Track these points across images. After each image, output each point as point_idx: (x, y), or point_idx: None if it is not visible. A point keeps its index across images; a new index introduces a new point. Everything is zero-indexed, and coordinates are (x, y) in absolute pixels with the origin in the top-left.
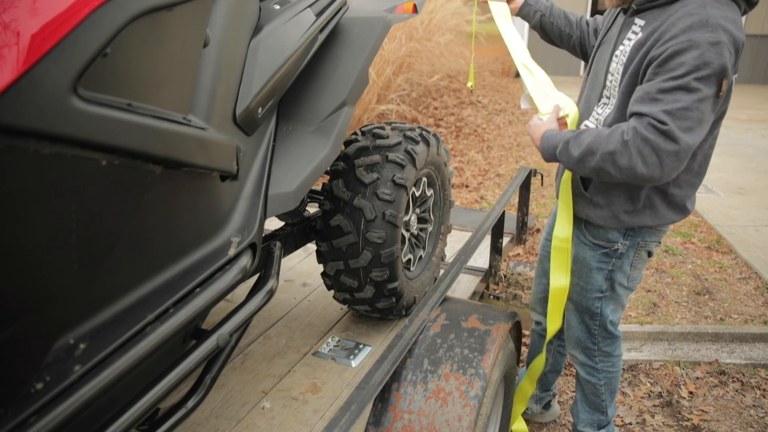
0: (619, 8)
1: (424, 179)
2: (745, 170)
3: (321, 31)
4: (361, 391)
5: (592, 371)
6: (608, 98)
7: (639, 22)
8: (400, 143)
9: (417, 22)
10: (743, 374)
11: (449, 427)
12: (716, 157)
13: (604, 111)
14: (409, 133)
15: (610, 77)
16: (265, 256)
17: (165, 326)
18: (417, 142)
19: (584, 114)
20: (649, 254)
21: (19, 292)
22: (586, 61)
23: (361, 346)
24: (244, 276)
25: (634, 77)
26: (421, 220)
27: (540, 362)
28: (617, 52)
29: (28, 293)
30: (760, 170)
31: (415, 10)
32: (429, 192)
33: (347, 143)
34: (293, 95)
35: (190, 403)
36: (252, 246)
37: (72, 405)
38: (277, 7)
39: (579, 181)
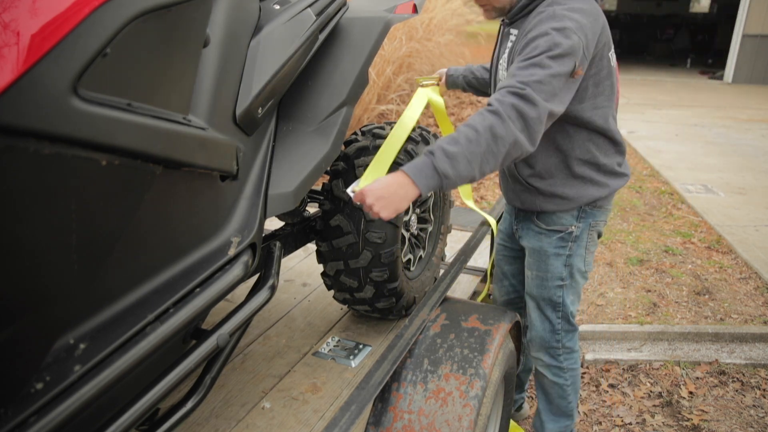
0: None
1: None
2: (745, 170)
3: (321, 31)
4: (361, 391)
5: (558, 371)
6: None
7: (513, 32)
8: None
9: (417, 22)
10: (743, 374)
11: (449, 427)
12: (716, 157)
13: None
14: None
15: (497, 86)
16: (265, 256)
17: (165, 326)
18: (417, 142)
19: None
20: (599, 235)
21: (19, 292)
22: None
23: (361, 346)
24: (244, 276)
25: None
26: (421, 220)
27: None
28: (501, 61)
29: (28, 293)
30: (760, 170)
31: (415, 10)
32: (428, 193)
33: (347, 143)
34: (293, 95)
35: (190, 403)
36: (252, 246)
37: (72, 405)
38: (277, 7)
39: (519, 176)
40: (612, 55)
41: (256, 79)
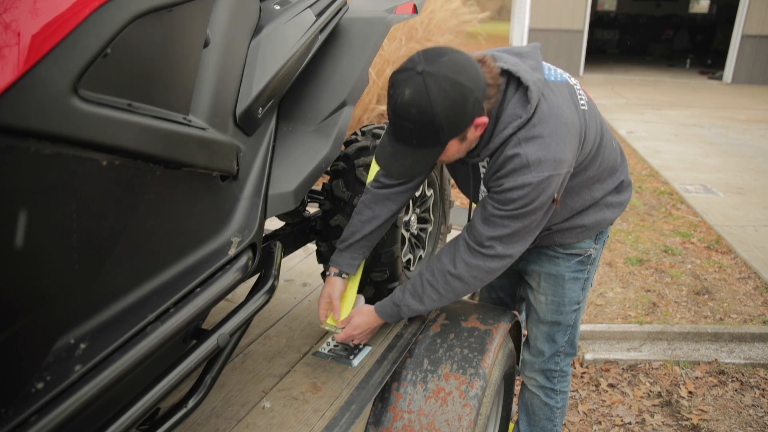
0: None
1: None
2: (745, 170)
3: (321, 31)
4: (361, 391)
5: (552, 393)
6: None
7: (482, 164)
8: None
9: (416, 22)
10: (742, 374)
11: (449, 426)
12: (715, 157)
13: None
14: None
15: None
16: (265, 256)
17: (165, 326)
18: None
19: None
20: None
21: (20, 292)
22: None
23: (361, 346)
24: (244, 276)
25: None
26: (421, 220)
27: None
28: (480, 192)
29: (28, 293)
30: (759, 170)
31: (415, 10)
32: (429, 192)
33: (347, 143)
34: (293, 95)
35: (190, 403)
36: (252, 246)
37: (72, 405)
38: (277, 7)
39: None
40: (598, 128)
41: (256, 79)
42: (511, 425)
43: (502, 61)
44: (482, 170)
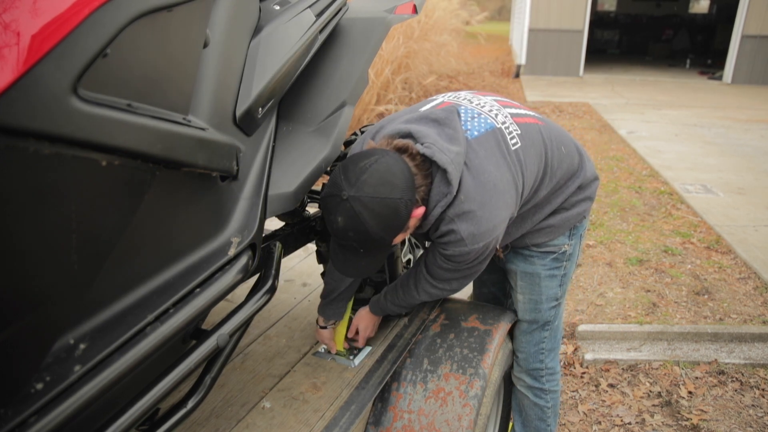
0: None
1: None
2: (745, 170)
3: (321, 31)
4: (361, 391)
5: (540, 393)
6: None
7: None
8: None
9: (414, 21)
10: (742, 374)
11: (449, 426)
12: (716, 157)
13: None
14: None
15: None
16: (265, 256)
17: (165, 326)
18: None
19: None
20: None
21: (19, 292)
22: None
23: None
24: (244, 276)
25: None
26: None
27: None
28: None
29: (28, 293)
30: (759, 170)
31: (415, 10)
32: None
33: (347, 143)
34: (293, 95)
35: (190, 403)
36: (252, 246)
37: (72, 405)
38: (277, 7)
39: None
40: (540, 154)
41: (256, 79)
42: (511, 425)
43: (419, 141)
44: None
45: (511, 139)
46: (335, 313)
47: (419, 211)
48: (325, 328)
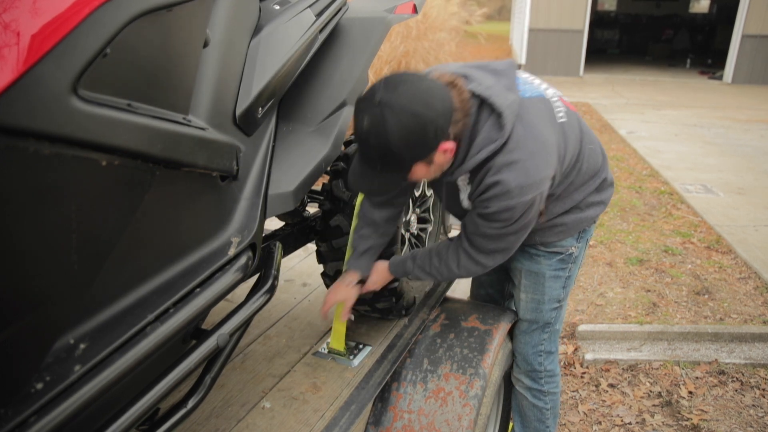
0: None
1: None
2: (745, 170)
3: (321, 31)
4: (361, 391)
5: (539, 394)
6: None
7: (462, 184)
8: None
9: (412, 21)
10: (743, 374)
11: (449, 426)
12: (716, 157)
13: None
14: None
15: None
16: (265, 256)
17: (165, 326)
18: None
19: None
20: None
21: (19, 292)
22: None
23: (361, 346)
24: (244, 276)
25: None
26: (421, 220)
27: None
28: (465, 204)
29: (28, 293)
30: (759, 170)
31: (415, 10)
32: (429, 192)
33: (347, 143)
34: (293, 95)
35: (190, 403)
36: (252, 246)
37: (72, 405)
38: (277, 7)
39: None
40: (578, 137)
41: (256, 79)
42: (511, 425)
43: (475, 82)
44: (460, 186)
45: (558, 112)
46: (368, 268)
47: (448, 145)
48: (350, 284)
